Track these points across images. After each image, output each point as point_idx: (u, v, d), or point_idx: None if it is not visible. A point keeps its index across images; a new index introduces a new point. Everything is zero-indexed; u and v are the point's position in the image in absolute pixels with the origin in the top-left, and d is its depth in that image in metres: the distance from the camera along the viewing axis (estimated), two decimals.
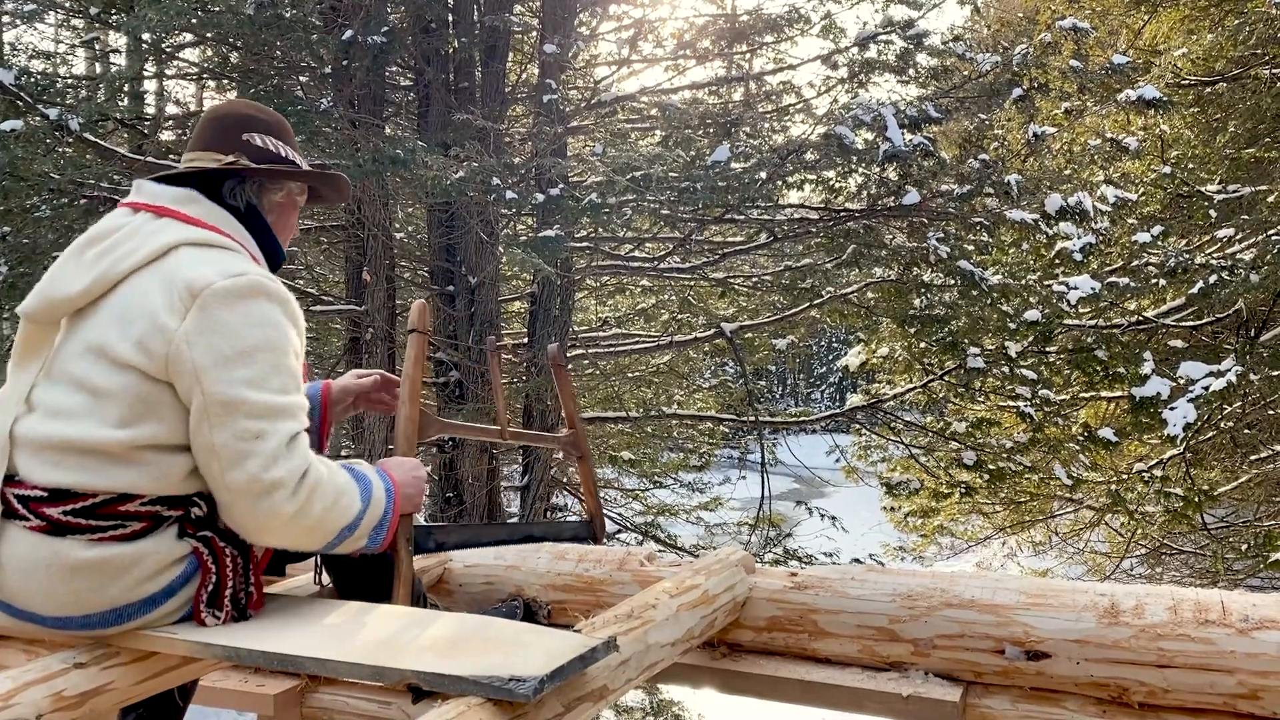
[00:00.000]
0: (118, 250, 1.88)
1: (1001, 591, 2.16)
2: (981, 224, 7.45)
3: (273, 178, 2.12)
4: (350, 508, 1.91)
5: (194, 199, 1.99)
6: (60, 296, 1.87)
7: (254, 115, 2.14)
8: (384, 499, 2.00)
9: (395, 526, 2.03)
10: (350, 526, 1.92)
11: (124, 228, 1.92)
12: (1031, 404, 8.54)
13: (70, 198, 7.05)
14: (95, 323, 1.84)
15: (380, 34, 6.79)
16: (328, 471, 1.89)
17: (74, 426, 1.78)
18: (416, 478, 2.12)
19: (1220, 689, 1.92)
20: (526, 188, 6.86)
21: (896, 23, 7.24)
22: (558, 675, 1.54)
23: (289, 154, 2.16)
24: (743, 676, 2.32)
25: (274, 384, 1.83)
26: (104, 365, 1.80)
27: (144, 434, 1.78)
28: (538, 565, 2.67)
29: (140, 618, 1.83)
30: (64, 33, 10.61)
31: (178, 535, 1.85)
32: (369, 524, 1.96)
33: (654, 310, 10.81)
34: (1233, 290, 7.60)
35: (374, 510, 1.96)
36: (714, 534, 10.76)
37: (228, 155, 2.05)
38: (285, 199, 2.17)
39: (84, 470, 1.76)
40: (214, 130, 2.09)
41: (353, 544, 1.96)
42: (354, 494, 1.93)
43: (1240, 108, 9.24)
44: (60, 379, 1.84)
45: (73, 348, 1.84)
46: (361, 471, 2.00)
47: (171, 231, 1.90)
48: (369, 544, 1.99)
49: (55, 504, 1.77)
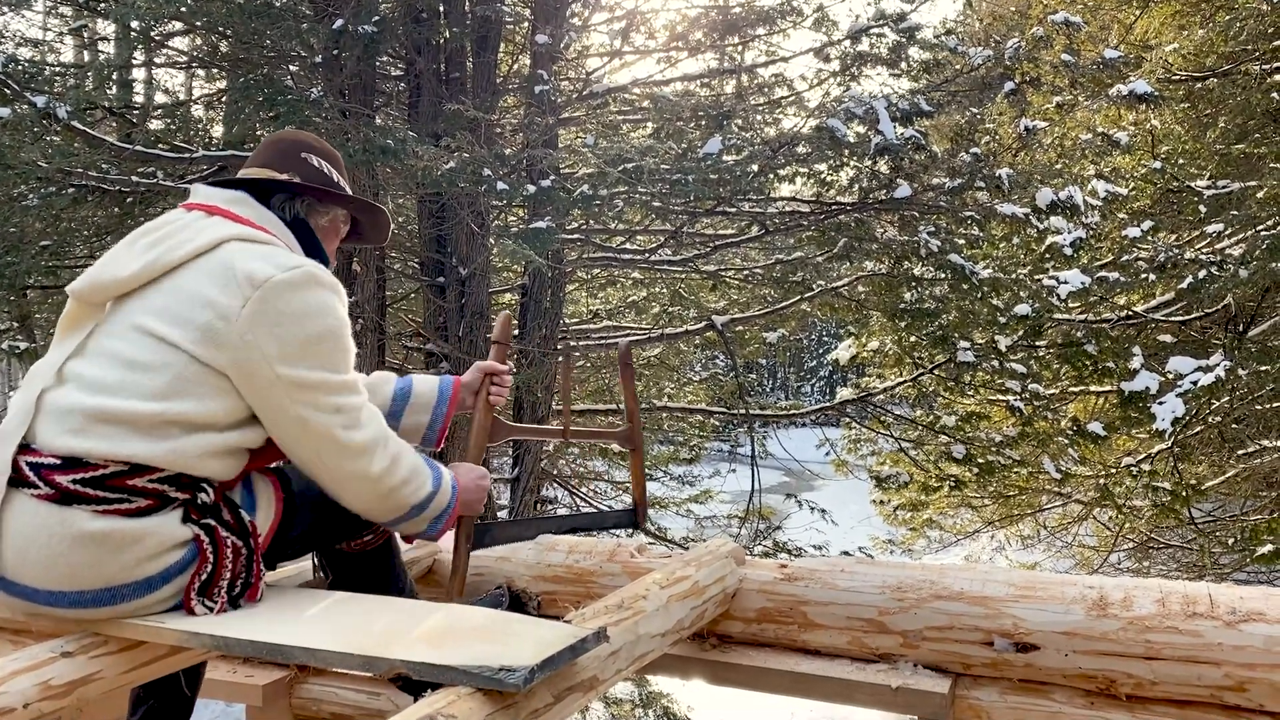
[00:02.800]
0: (169, 241, 1.97)
1: (991, 584, 2.17)
2: (972, 218, 7.45)
3: (323, 199, 2.23)
4: (422, 488, 2.06)
5: (245, 201, 2.10)
6: (109, 279, 1.95)
7: (312, 142, 2.27)
8: (450, 493, 2.14)
9: (454, 521, 2.17)
10: (418, 507, 2.07)
11: (177, 222, 2.02)
12: (1021, 398, 8.56)
13: (58, 186, 7.00)
14: (142, 306, 1.91)
15: (371, 23, 6.75)
16: (406, 449, 2.05)
17: (103, 399, 1.83)
18: (480, 485, 2.27)
19: (1207, 681, 1.93)
20: (517, 179, 6.84)
21: (889, 16, 7.22)
22: (548, 665, 1.54)
23: (341, 182, 2.28)
24: (732, 668, 2.33)
25: (341, 364, 1.98)
26: (150, 343, 1.87)
27: (175, 409, 1.84)
28: (528, 556, 2.68)
29: (134, 601, 1.84)
30: (52, 20, 10.52)
31: (182, 519, 1.87)
32: (433, 511, 2.10)
33: (645, 303, 10.81)
34: (1222, 285, 7.62)
35: (440, 499, 2.11)
36: (704, 526, 10.78)
37: (283, 174, 2.17)
38: (330, 224, 2.28)
39: (103, 438, 1.80)
40: (273, 151, 2.22)
41: (414, 526, 2.10)
42: (426, 477, 2.08)
43: (1230, 103, 9.26)
44: (97, 355, 1.90)
45: (115, 328, 1.92)
46: (434, 462, 2.14)
47: (222, 228, 2.00)
48: (428, 530, 2.13)
49: (66, 471, 1.79)
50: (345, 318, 2.02)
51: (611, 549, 2.60)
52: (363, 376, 2.12)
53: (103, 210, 7.47)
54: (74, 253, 8.14)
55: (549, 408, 8.45)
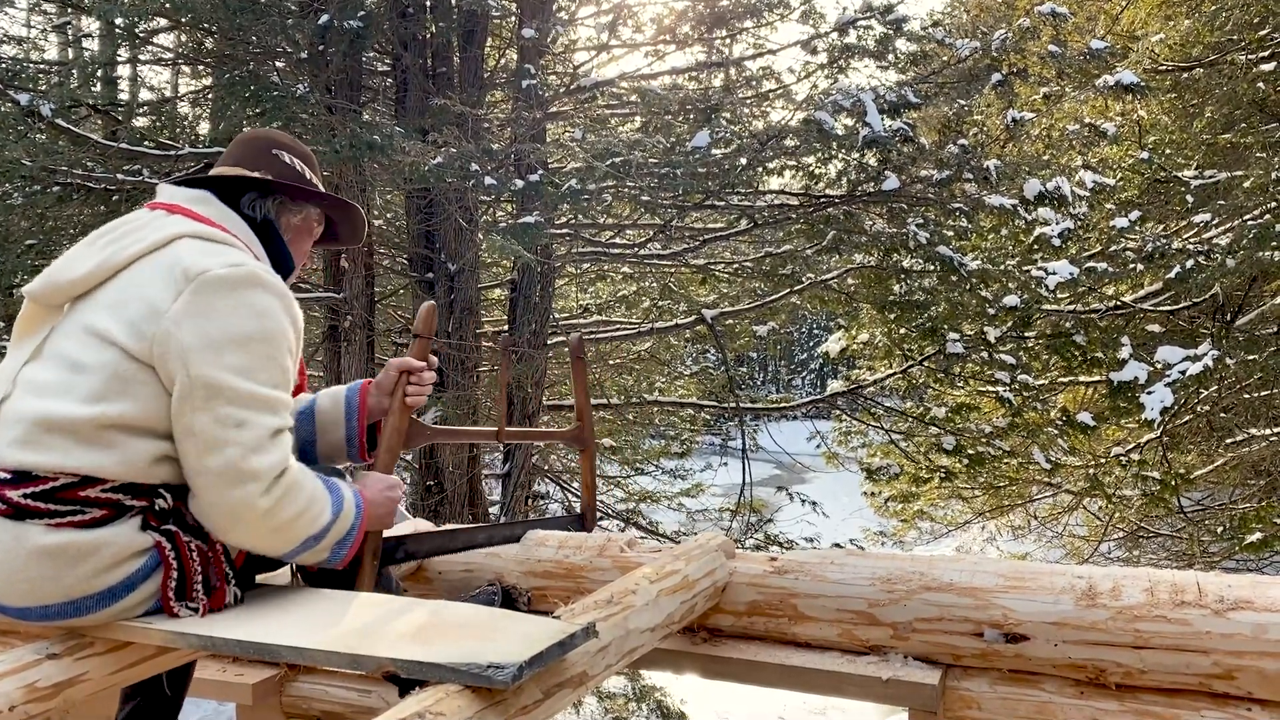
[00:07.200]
0: (124, 239, 1.91)
1: (980, 574, 2.17)
2: (960, 209, 7.46)
3: (295, 197, 2.16)
4: (319, 518, 1.89)
5: (207, 200, 2.03)
6: (64, 280, 1.89)
7: (284, 140, 2.21)
8: (353, 514, 1.98)
9: (359, 544, 2.01)
10: (315, 537, 1.90)
11: (136, 220, 1.97)
12: (1010, 389, 8.59)
13: (43, 184, 6.96)
14: (93, 305, 1.85)
15: (357, 18, 6.72)
16: (303, 476, 1.88)
17: (46, 402, 1.77)
18: (389, 497, 2.11)
19: (1196, 669, 1.94)
20: (506, 174, 6.83)
21: (876, 8, 7.21)
22: (536, 661, 1.54)
23: (314, 180, 2.21)
24: (723, 661, 2.32)
25: (262, 375, 1.82)
26: (93, 343, 1.80)
27: (112, 411, 1.76)
28: (517, 552, 2.67)
29: (99, 611, 1.80)
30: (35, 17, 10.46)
31: (140, 527, 1.82)
32: (334, 538, 1.94)
33: (635, 297, 10.79)
34: (1209, 275, 7.65)
35: (340, 525, 1.94)
36: (695, 520, 10.77)
37: (254, 171, 2.10)
38: (303, 223, 2.21)
39: (48, 450, 1.75)
40: (244, 149, 2.16)
41: (314, 556, 1.94)
42: (325, 504, 1.91)
43: (1217, 93, 9.28)
44: (48, 358, 1.84)
45: (68, 329, 1.86)
46: (335, 483, 1.98)
47: (177, 225, 1.93)
48: (330, 558, 1.97)
49: (16, 486, 1.74)
50: (284, 328, 1.88)
51: (601, 544, 2.60)
52: (288, 400, 1.90)
53: (88, 208, 7.42)
54: (60, 251, 8.07)
55: (538, 404, 8.44)
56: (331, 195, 2.26)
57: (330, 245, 2.42)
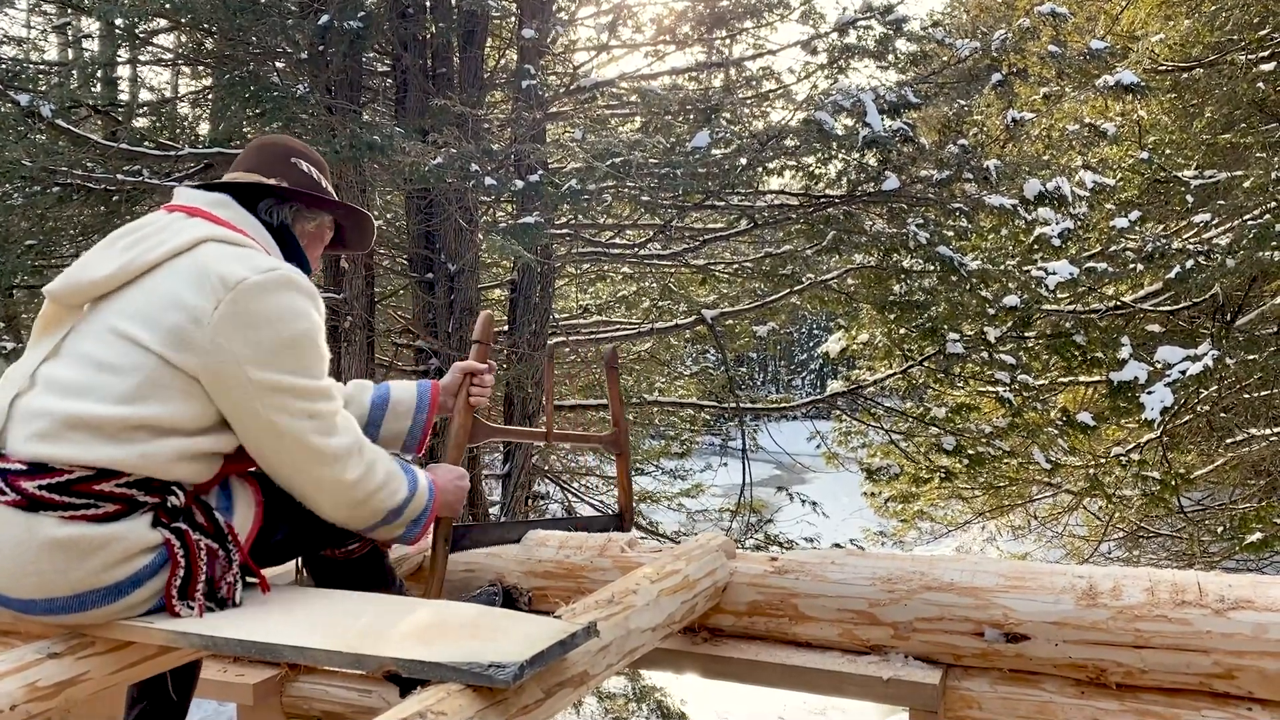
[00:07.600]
0: (147, 242, 1.94)
1: (981, 574, 2.17)
2: (961, 209, 7.46)
3: (311, 205, 2.22)
4: (397, 493, 2.04)
5: (227, 204, 2.08)
6: (86, 281, 1.92)
7: (300, 147, 2.27)
8: (426, 496, 2.12)
9: (431, 524, 2.16)
10: (395, 511, 2.05)
11: (157, 223, 2.00)
12: (1010, 389, 8.58)
13: (43, 185, 6.95)
14: (118, 307, 1.88)
15: (357, 19, 6.72)
16: (379, 454, 2.04)
17: (72, 401, 1.80)
18: (459, 486, 2.26)
19: (1196, 669, 1.94)
20: (505, 174, 6.82)
21: (876, 8, 7.20)
22: (538, 661, 1.54)
23: (327, 188, 2.27)
24: (724, 661, 2.33)
25: (316, 369, 1.96)
26: (123, 346, 1.84)
27: (143, 412, 1.81)
28: (518, 552, 2.67)
29: (105, 606, 1.81)
30: (35, 18, 10.47)
31: (151, 524, 1.84)
32: (410, 515, 2.09)
33: (635, 297, 10.79)
34: (1209, 275, 7.65)
35: (416, 503, 2.09)
36: (695, 520, 10.77)
37: (271, 178, 2.15)
38: (317, 230, 2.28)
39: (68, 444, 1.77)
40: (260, 156, 2.20)
41: (390, 531, 2.08)
42: (401, 481, 2.06)
43: (1217, 93, 9.28)
44: (70, 357, 1.87)
45: (90, 330, 1.89)
46: (409, 465, 2.12)
47: (200, 228, 1.97)
48: (405, 534, 2.11)
49: (32, 477, 1.76)
50: (320, 323, 2.00)
51: (602, 544, 2.60)
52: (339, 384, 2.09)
53: (88, 209, 7.42)
54: (60, 252, 8.08)
55: (538, 404, 8.44)
56: (346, 204, 2.32)
57: (340, 250, 2.48)
